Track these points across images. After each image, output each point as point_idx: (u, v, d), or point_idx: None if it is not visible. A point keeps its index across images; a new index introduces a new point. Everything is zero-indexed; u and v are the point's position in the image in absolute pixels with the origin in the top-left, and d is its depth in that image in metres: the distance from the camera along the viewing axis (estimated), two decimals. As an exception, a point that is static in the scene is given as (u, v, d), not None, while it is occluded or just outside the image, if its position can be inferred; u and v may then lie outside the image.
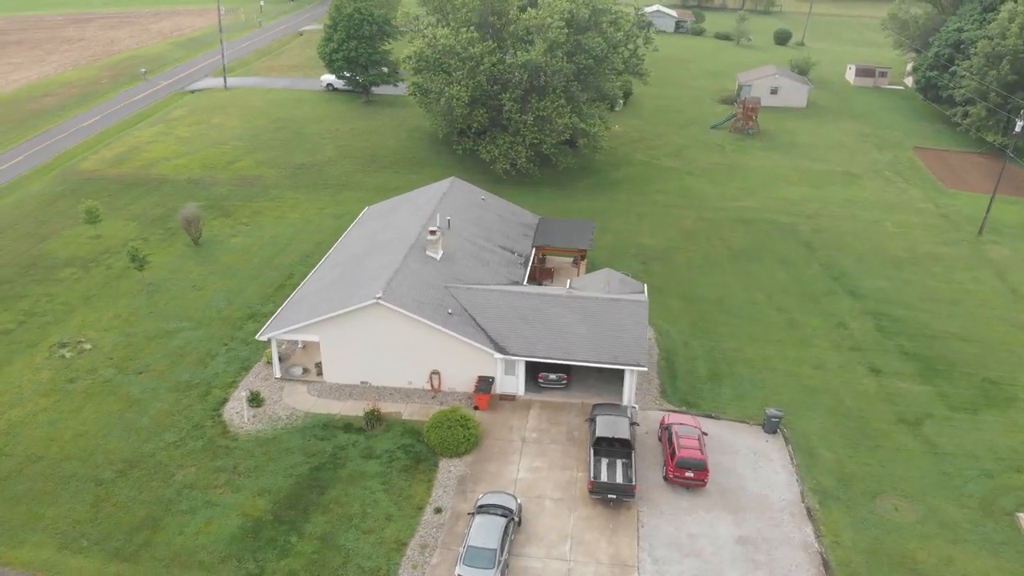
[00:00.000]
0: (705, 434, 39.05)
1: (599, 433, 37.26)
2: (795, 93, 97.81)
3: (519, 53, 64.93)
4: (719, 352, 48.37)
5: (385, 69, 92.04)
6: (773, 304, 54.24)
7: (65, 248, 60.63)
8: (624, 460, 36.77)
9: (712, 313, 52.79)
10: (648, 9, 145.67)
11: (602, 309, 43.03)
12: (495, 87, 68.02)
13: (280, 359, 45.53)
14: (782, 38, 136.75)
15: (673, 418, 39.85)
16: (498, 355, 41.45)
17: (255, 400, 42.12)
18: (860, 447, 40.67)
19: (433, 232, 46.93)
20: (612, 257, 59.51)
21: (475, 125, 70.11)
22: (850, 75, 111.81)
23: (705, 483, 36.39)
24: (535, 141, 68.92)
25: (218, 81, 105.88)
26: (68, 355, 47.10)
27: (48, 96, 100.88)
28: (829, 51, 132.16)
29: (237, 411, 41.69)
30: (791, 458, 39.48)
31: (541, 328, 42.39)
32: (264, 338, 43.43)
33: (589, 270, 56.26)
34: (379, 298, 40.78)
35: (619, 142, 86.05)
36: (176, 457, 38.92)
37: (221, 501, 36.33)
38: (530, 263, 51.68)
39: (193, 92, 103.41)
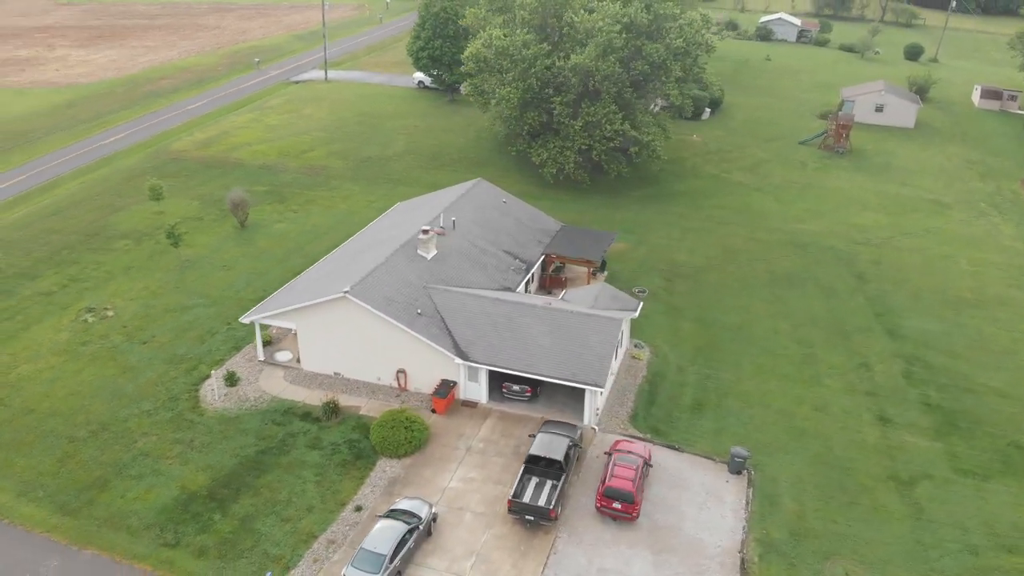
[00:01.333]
0: (650, 465, 36.79)
1: (532, 451, 36.02)
2: (902, 112, 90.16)
3: (571, 56, 63.59)
4: (713, 381, 45.42)
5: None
6: (796, 336, 50.29)
7: (128, 221, 65.43)
8: (554, 482, 35.29)
9: (724, 339, 49.64)
10: (769, 17, 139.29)
11: (573, 324, 41.45)
12: (547, 90, 67.02)
13: (271, 343, 47.13)
14: (913, 53, 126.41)
15: (623, 444, 37.77)
16: (459, 360, 40.89)
17: (230, 379, 43.77)
18: (833, 501, 36.96)
19: (425, 231, 46.91)
20: (636, 272, 57.26)
21: (526, 128, 69.45)
22: (975, 96, 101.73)
23: (633, 516, 34.28)
24: (584, 147, 67.35)
25: (322, 74, 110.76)
26: (91, 320, 50.83)
27: (165, 79, 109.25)
28: (963, 69, 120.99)
29: (212, 388, 43.48)
30: (747, 503, 36.47)
31: (508, 337, 41.42)
32: (247, 321, 45.03)
33: (613, 281, 54.46)
34: (346, 292, 41.27)
35: (692, 152, 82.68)
36: (144, 425, 41.09)
37: (167, 471, 38.01)
38: (531, 271, 50.58)
39: (296, 83, 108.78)
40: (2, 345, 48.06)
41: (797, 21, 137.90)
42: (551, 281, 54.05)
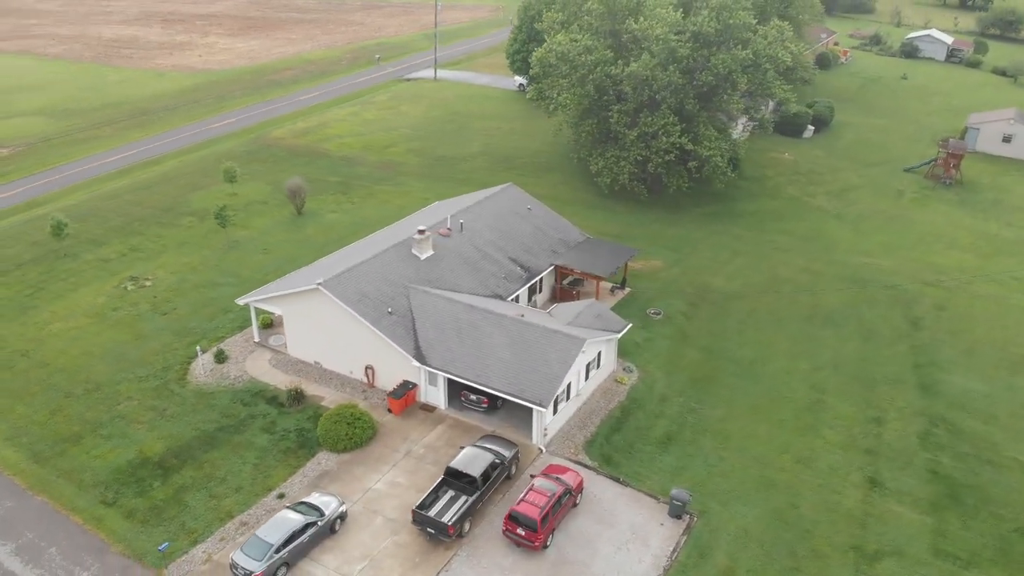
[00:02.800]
0: (570, 492, 34.76)
1: (451, 464, 35.22)
2: (1035, 143, 80.00)
3: (631, 64, 61.43)
4: (696, 416, 42.39)
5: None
6: (811, 379, 45.96)
7: (202, 200, 70.13)
8: (467, 498, 34.33)
9: (727, 373, 46.22)
10: (916, 33, 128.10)
11: (535, 338, 40.04)
12: (606, 98, 65.11)
13: (271, 326, 48.97)
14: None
15: (551, 469, 36.11)
16: (416, 363, 40.67)
17: (219, 357, 45.92)
18: (773, 565, 33.49)
19: (421, 231, 47.00)
20: (662, 291, 54.49)
21: (584, 135, 67.89)
22: None
23: (536, 546, 32.66)
24: (639, 158, 64.86)
25: (432, 72, 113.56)
26: (130, 288, 55.00)
27: (290, 70, 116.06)
28: None
29: (202, 363, 45.80)
30: (674, 551, 33.79)
31: (470, 345, 40.69)
32: (241, 303, 47.01)
33: (633, 300, 52.29)
34: (319, 284, 42.15)
35: (778, 171, 77.57)
36: (131, 390, 43.95)
37: (133, 435, 40.44)
38: (531, 281, 49.36)
39: (407, 80, 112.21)
40: (48, 303, 53.06)
41: (948, 39, 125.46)
42: (562, 293, 52.54)
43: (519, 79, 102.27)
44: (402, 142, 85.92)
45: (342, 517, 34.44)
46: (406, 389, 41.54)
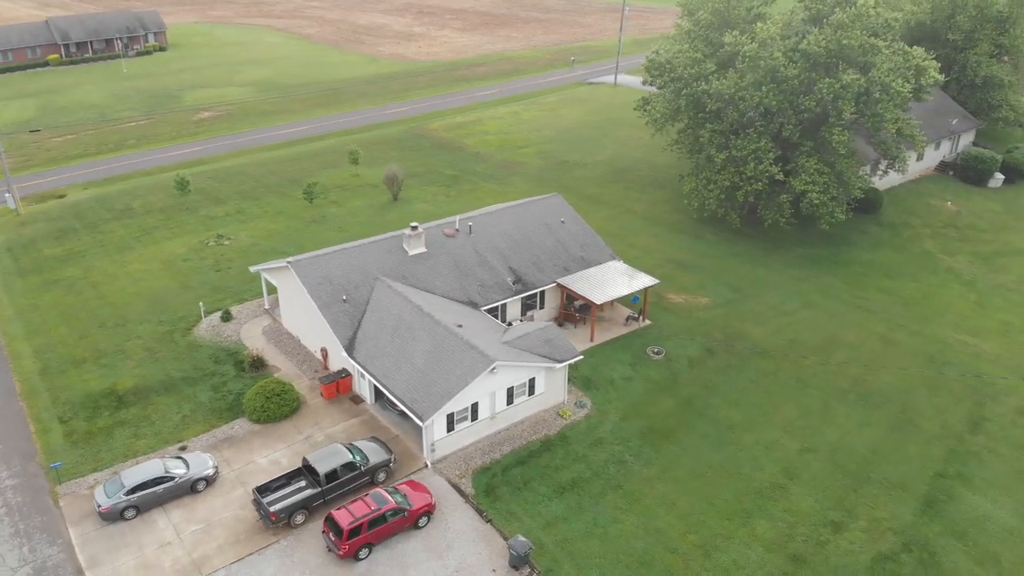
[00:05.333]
0: (403, 511, 33.26)
1: (306, 455, 35.62)
2: None
3: (720, 80, 56.10)
4: (620, 469, 38.26)
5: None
6: (790, 462, 39.20)
7: (325, 177, 76.05)
8: (309, 491, 34.45)
9: (692, 432, 40.97)
10: None
11: (452, 351, 38.67)
12: (702, 115, 59.91)
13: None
14: None
15: (412, 485, 35.06)
16: (344, 354, 41.34)
17: (225, 316, 50.13)
18: (584, 646, 29.63)
19: (414, 227, 47.28)
20: (686, 330, 49.52)
21: (675, 151, 63.18)
22: None
23: (340, 554, 31.95)
24: (728, 183, 58.95)
25: (621, 77, 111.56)
26: (211, 244, 61.67)
27: (484, 66, 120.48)
28: None
29: (207, 320, 50.30)
30: (485, 600, 31.22)
31: (396, 346, 40.41)
32: (253, 271, 50.69)
33: (644, 334, 48.37)
34: (289, 262, 44.37)
35: (927, 221, 66.11)
36: (144, 331, 49.56)
37: (118, 369, 45.75)
38: (521, 294, 47.40)
39: (588, 84, 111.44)
40: (144, 246, 61.33)
41: None
42: (564, 314, 49.84)
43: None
44: (538, 144, 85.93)
45: (208, 480, 36.35)
46: (339, 377, 42.42)
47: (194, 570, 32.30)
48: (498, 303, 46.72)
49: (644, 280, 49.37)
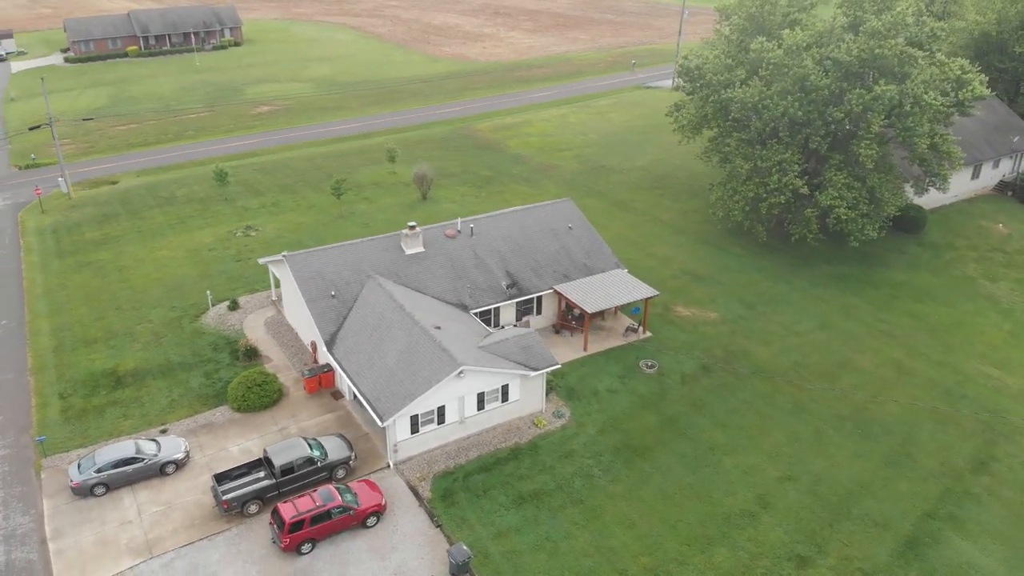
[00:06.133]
0: (349, 510, 33.33)
1: (267, 446, 36.19)
2: None
3: (744, 87, 54.11)
4: (586, 483, 37.33)
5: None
6: (766, 490, 37.40)
7: (362, 174, 77.30)
8: (266, 482, 34.98)
9: (670, 451, 39.62)
10: None
11: (423, 352, 38.55)
12: (728, 123, 57.94)
13: (297, 290, 53.38)
14: None
15: (358, 484, 35.09)
16: (324, 349, 41.82)
17: (232, 306, 51.51)
18: (507, 662, 29.04)
19: (412, 227, 47.42)
20: (686, 345, 48.01)
21: (706, 159, 61.31)
22: None
23: (282, 546, 32.29)
24: (754, 195, 56.81)
25: (670, 82, 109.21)
26: (238, 234, 63.51)
27: (543, 68, 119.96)
28: None
29: (215, 308, 51.76)
30: (417, 606, 31.00)
31: (374, 344, 40.58)
32: (261, 262, 51.82)
33: (641, 347, 47.15)
34: (284, 255, 45.24)
35: (974, 243, 62.10)
36: (155, 315, 51.40)
37: (124, 351, 47.60)
38: (516, 299, 46.88)
39: (646, 88, 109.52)
40: (177, 234, 63.70)
41: None
42: (562, 321, 49.04)
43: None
44: (579, 147, 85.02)
45: (177, 463, 37.39)
46: (321, 371, 42.95)
47: (146, 549, 33.28)
48: (490, 307, 46.40)
49: (644, 291, 48.09)
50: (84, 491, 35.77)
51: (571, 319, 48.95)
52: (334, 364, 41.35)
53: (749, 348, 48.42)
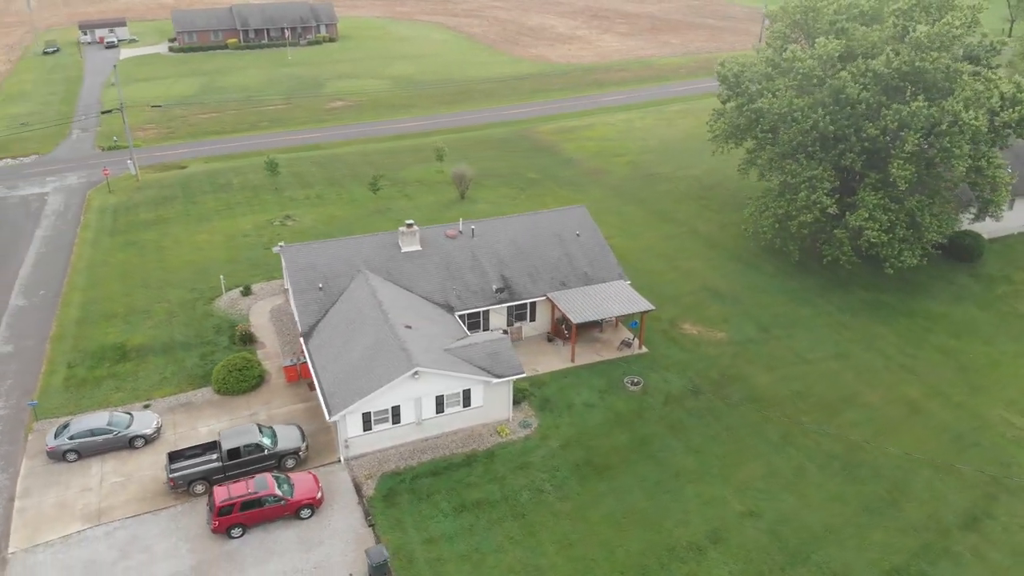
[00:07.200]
0: (280, 500, 33.74)
1: (221, 432, 37.25)
2: None
3: (770, 98, 51.25)
4: (534, 497, 36.35)
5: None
6: (724, 524, 35.22)
7: (409, 171, 78.40)
8: (213, 464, 35.99)
9: (632, 473, 37.98)
10: None
11: (385, 351, 38.55)
12: (762, 134, 55.03)
13: (311, 280, 54.68)
14: None
15: (297, 475, 35.57)
16: (301, 339, 42.58)
17: (245, 292, 53.33)
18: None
19: (409, 225, 47.61)
20: (676, 364, 46.03)
21: (741, 173, 58.55)
22: None
23: (212, 528, 33.17)
24: (783, 212, 53.79)
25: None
26: (276, 223, 65.72)
27: (623, 71, 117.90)
28: None
29: (228, 293, 53.71)
30: (327, 602, 31.06)
31: (347, 339, 41.00)
32: (275, 250, 53.31)
33: (632, 363, 45.59)
34: (280, 247, 46.44)
35: (1039, 280, 56.36)
36: (175, 295, 53.88)
37: (138, 327, 50.14)
38: (506, 303, 46.23)
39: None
40: (221, 220, 66.57)
41: None
42: (555, 329, 47.99)
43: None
44: (635, 153, 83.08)
45: (146, 438, 39.01)
46: (301, 362, 43.78)
47: (95, 517, 34.91)
48: (478, 309, 45.99)
49: (639, 305, 46.40)
50: (57, 456, 37.92)
51: (564, 328, 47.85)
52: (306, 355, 42.09)
53: (749, 373, 45.85)
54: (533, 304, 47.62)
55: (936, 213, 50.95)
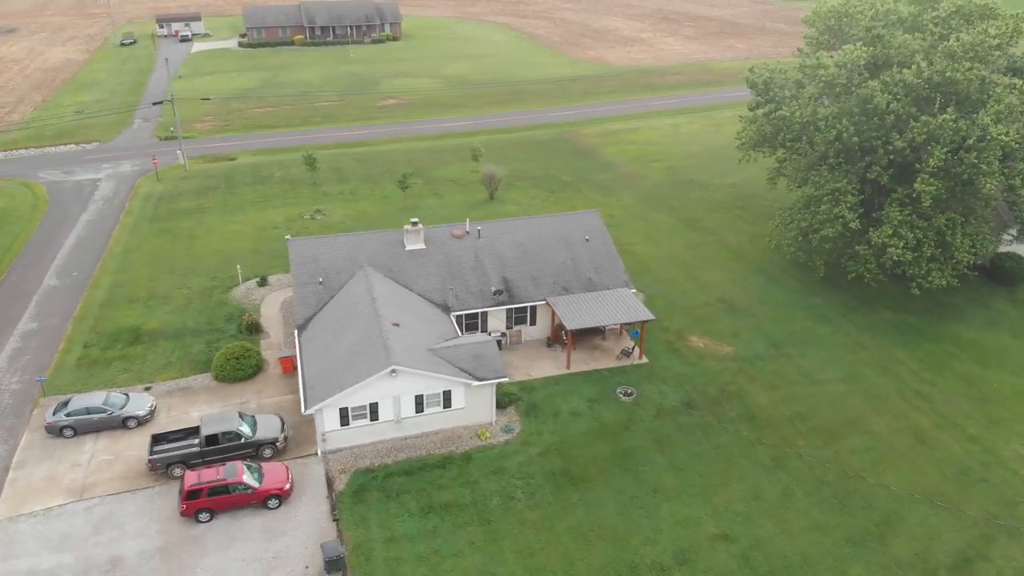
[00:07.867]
0: (248, 488, 34.32)
1: (203, 418, 38.18)
2: None
3: (791, 106, 49.36)
4: (504, 503, 35.95)
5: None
6: (692, 547, 34.06)
7: (445, 170, 78.86)
8: (191, 449, 36.93)
9: (610, 486, 37.14)
10: None
11: (367, 348, 38.80)
12: (788, 143, 53.05)
13: (327, 274, 55.59)
14: None
15: (268, 465, 36.06)
16: (296, 330, 43.28)
17: (261, 282, 54.60)
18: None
19: (414, 223, 47.81)
20: (675, 378, 44.84)
21: (770, 183, 56.62)
22: None
23: (180, 511, 34.01)
24: (807, 224, 51.76)
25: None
26: (306, 216, 67.09)
27: (678, 75, 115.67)
28: None
29: (245, 283, 55.02)
30: (279, 592, 31.44)
31: (339, 333, 41.47)
32: (287, 239, 54.35)
33: (629, 373, 44.69)
34: (288, 239, 47.39)
35: (1087, 309, 52.56)
36: (195, 283, 55.58)
37: (157, 313, 51.92)
38: (506, 306, 45.91)
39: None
40: (255, 211, 68.42)
41: None
42: (555, 334, 47.39)
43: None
44: (674, 159, 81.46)
45: (139, 419, 40.31)
46: (294, 352, 44.48)
47: (78, 492, 36.29)
48: (476, 311, 45.82)
49: (639, 314, 45.38)
50: (54, 431, 39.57)
51: (563, 333, 47.21)
52: (297, 347, 42.78)
53: (749, 390, 44.26)
54: (534, 308, 47.18)
55: (970, 232, 48.17)
